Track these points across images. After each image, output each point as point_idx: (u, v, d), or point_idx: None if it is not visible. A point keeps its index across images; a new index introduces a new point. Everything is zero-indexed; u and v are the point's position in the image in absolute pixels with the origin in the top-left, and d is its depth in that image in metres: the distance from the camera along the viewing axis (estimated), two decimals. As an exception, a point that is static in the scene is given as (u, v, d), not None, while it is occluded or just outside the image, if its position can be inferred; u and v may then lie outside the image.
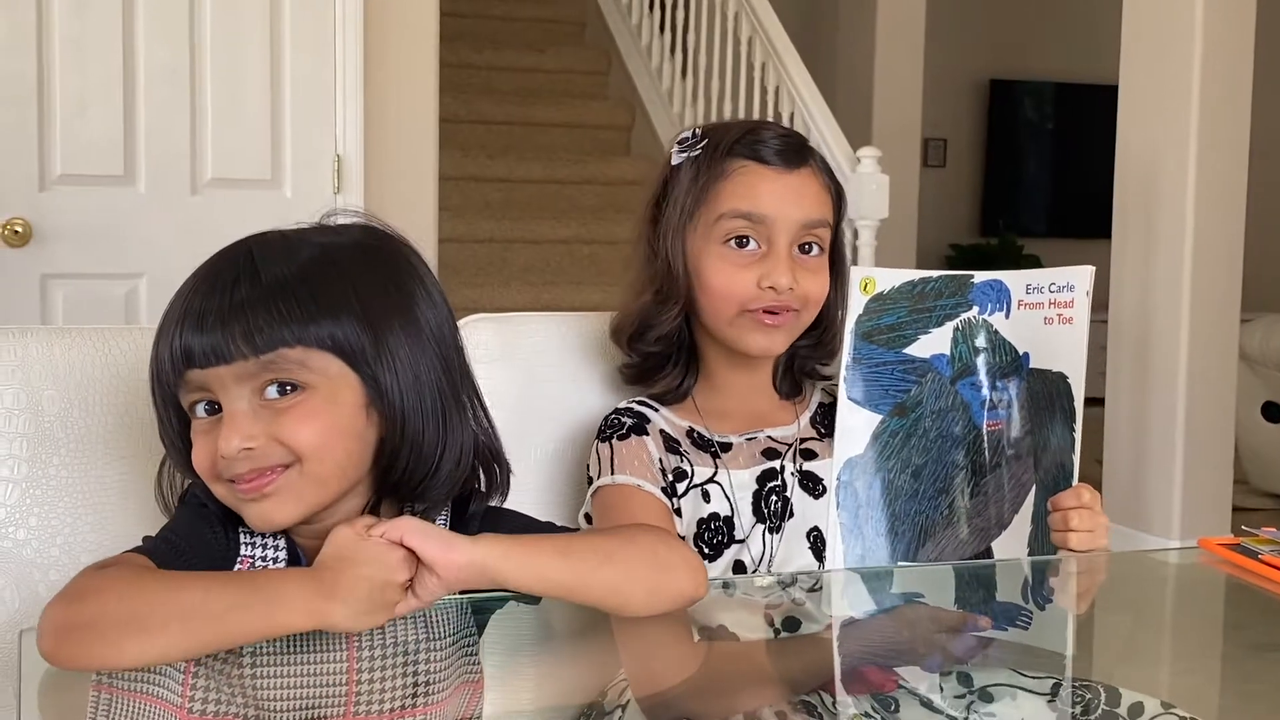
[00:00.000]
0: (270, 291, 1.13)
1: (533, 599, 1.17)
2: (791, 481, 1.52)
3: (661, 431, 1.52)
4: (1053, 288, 1.50)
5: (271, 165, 3.41)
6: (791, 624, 1.32)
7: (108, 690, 1.03)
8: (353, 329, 1.15)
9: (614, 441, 1.51)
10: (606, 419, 1.54)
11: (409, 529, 1.10)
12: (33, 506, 1.38)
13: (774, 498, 1.51)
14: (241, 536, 1.20)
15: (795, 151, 1.52)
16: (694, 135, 1.55)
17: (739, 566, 1.49)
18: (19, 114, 3.18)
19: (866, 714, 1.05)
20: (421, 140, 3.69)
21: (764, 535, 1.50)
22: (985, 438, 1.51)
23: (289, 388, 1.14)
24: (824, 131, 4.37)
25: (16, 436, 1.38)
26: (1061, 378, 1.52)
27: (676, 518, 1.49)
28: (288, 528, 1.18)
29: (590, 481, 1.51)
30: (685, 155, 1.53)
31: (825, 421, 1.57)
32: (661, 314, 1.52)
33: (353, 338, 1.15)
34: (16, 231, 3.18)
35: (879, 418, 1.48)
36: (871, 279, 1.46)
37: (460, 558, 1.10)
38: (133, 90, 3.28)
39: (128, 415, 1.41)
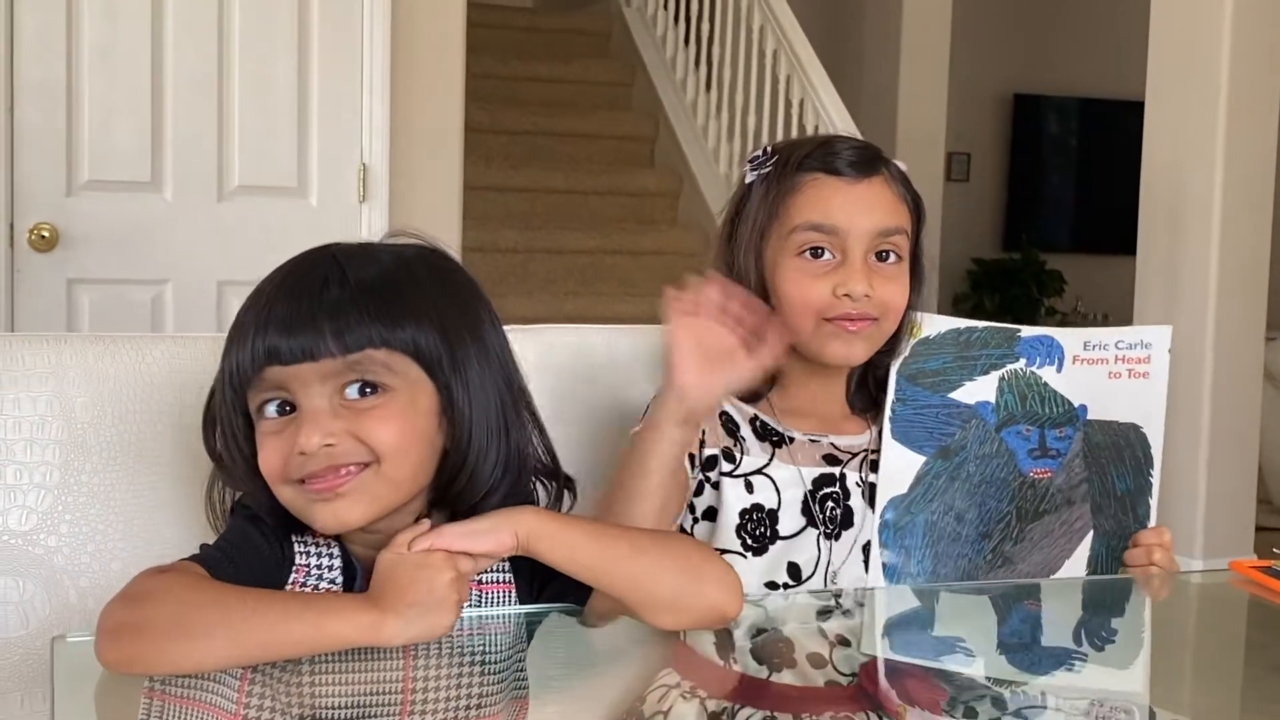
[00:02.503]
0: (360, 293, 1.15)
1: (575, 609, 1.18)
2: (856, 491, 1.52)
3: (723, 413, 1.51)
4: (1120, 345, 1.53)
5: (298, 173, 3.43)
6: (842, 641, 1.32)
7: (160, 697, 1.03)
8: (433, 337, 1.17)
9: None
10: None
11: (453, 538, 1.12)
12: (64, 513, 1.39)
13: (830, 504, 1.50)
14: (296, 546, 1.19)
15: (867, 161, 1.51)
16: (765, 153, 1.55)
17: (793, 569, 1.49)
18: (48, 120, 3.20)
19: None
20: (446, 150, 3.70)
21: (819, 540, 1.49)
22: (1033, 485, 1.53)
23: (369, 389, 1.15)
24: (849, 145, 4.37)
25: (49, 443, 1.39)
26: (1134, 428, 1.54)
27: (715, 496, 1.48)
28: (355, 529, 1.17)
29: None
30: (757, 173, 1.53)
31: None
32: None
33: (432, 346, 1.17)
34: (43, 236, 3.19)
35: (922, 459, 1.51)
36: (918, 323, 1.51)
37: (509, 540, 1.14)
38: (161, 98, 3.30)
39: (160, 423, 1.42)
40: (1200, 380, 4.12)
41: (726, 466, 1.49)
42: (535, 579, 1.21)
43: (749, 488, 1.49)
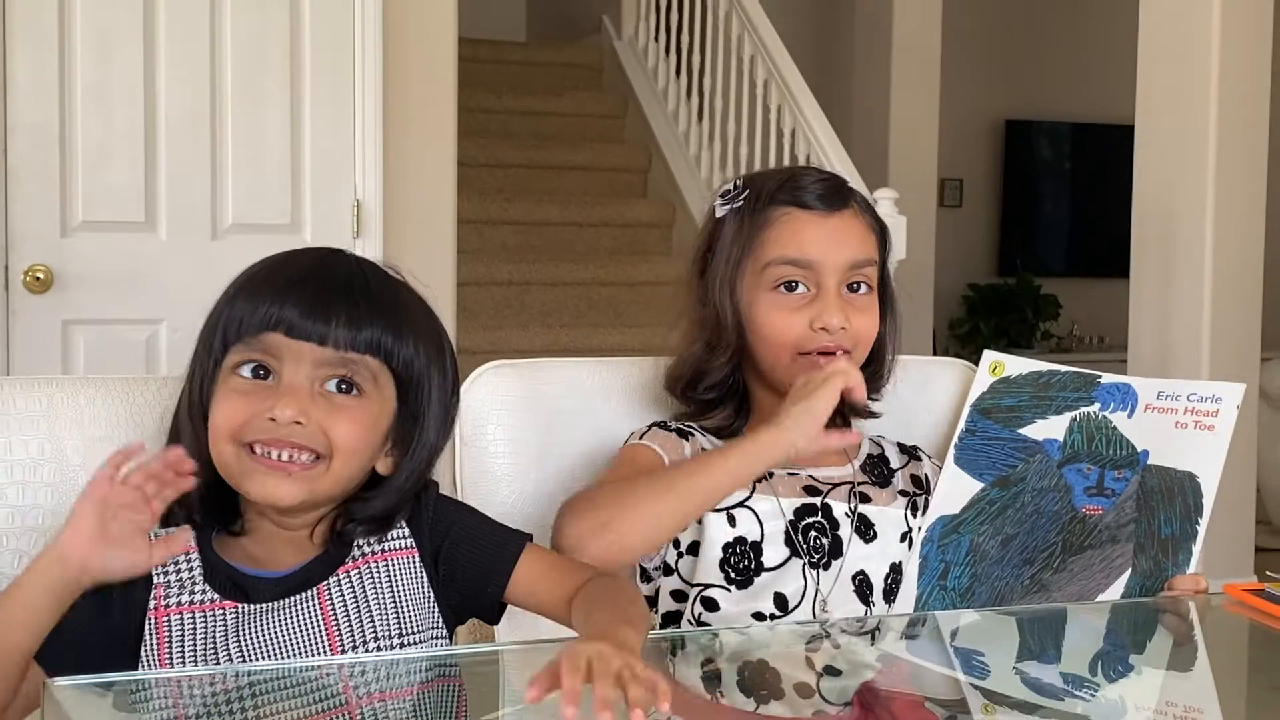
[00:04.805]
0: (379, 302, 1.24)
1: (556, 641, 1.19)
2: (845, 521, 1.52)
3: (703, 449, 1.52)
4: (1192, 397, 1.57)
5: (291, 211, 3.43)
6: (832, 671, 1.32)
7: None
8: (420, 367, 1.27)
9: (655, 428, 1.53)
10: (652, 422, 1.56)
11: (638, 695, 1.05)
12: (57, 556, 1.38)
13: (813, 533, 1.51)
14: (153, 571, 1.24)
15: (836, 194, 1.54)
16: (736, 186, 1.56)
17: (779, 599, 1.49)
18: (41, 160, 3.21)
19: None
20: (440, 184, 3.71)
21: (805, 570, 1.50)
22: (1082, 520, 1.57)
23: (347, 387, 1.23)
24: (840, 174, 4.38)
25: (42, 486, 1.38)
26: (1190, 477, 1.58)
27: (698, 530, 1.49)
28: (282, 509, 1.24)
29: None
30: (728, 207, 1.54)
31: (875, 471, 1.59)
32: (713, 362, 1.54)
33: (418, 373, 1.27)
34: (38, 278, 3.20)
35: (980, 485, 1.56)
36: (1001, 363, 1.57)
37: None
38: (154, 137, 3.31)
39: (151, 464, 1.42)
40: (1196, 402, 4.12)
41: None
42: (436, 547, 1.29)
43: (731, 521, 1.49)
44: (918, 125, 6.11)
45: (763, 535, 1.49)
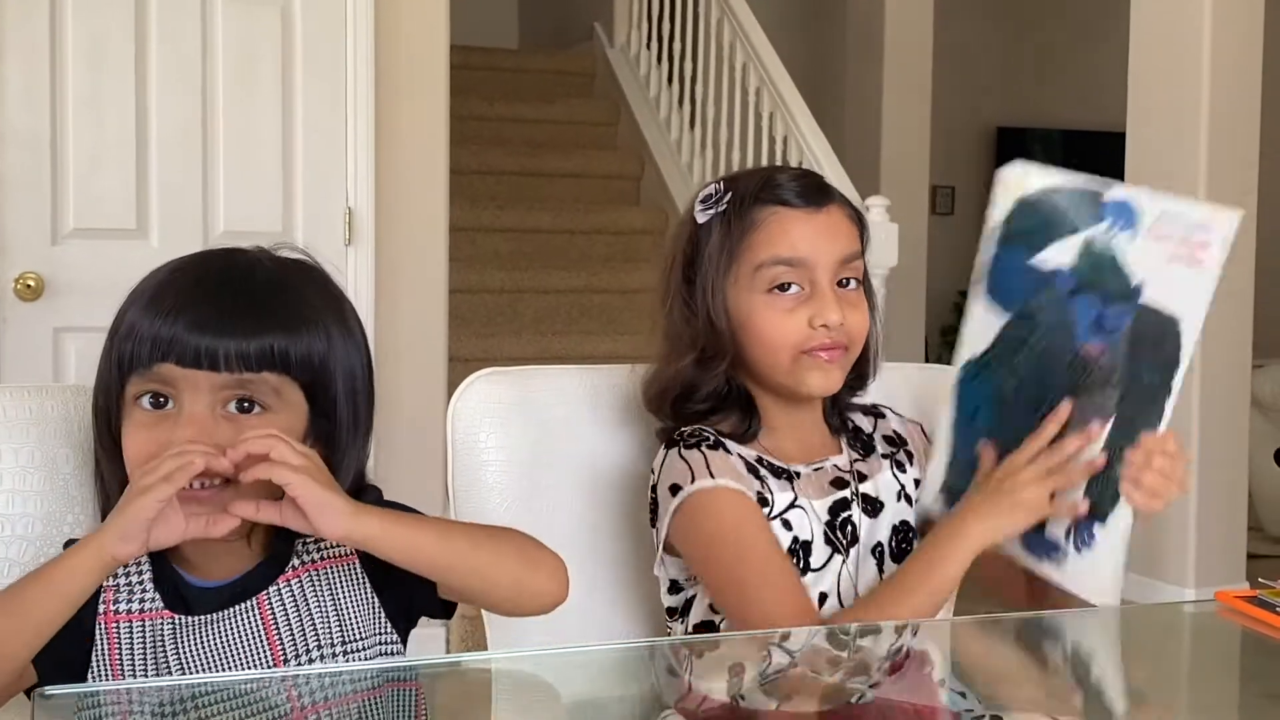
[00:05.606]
0: (268, 315, 1.20)
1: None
2: (856, 508, 1.52)
3: (743, 459, 1.50)
4: (1190, 227, 1.39)
5: (283, 218, 3.42)
6: (851, 674, 1.31)
7: None
8: (324, 369, 1.23)
9: (703, 449, 1.48)
10: (680, 433, 1.50)
11: (305, 490, 1.13)
12: (47, 564, 1.38)
13: (848, 526, 1.51)
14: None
15: (818, 190, 1.53)
16: (716, 191, 1.53)
17: (822, 599, 1.49)
18: (33, 168, 3.20)
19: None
20: (432, 192, 3.70)
21: (841, 564, 1.50)
22: (1083, 359, 1.44)
23: (250, 404, 1.20)
24: (832, 180, 4.37)
25: (32, 494, 1.38)
26: (1173, 322, 1.42)
27: None
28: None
29: (675, 491, 1.46)
30: (711, 212, 1.52)
31: (858, 444, 1.58)
32: (708, 372, 1.50)
33: (323, 378, 1.22)
34: (29, 285, 3.19)
35: (1007, 317, 1.45)
36: (1021, 181, 1.43)
37: (337, 531, 1.15)
38: (145, 144, 3.30)
39: (143, 472, 1.41)
40: (1188, 409, 4.13)
41: (764, 512, 1.48)
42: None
43: (787, 525, 1.48)
44: (909, 132, 6.12)
45: (812, 535, 1.49)
